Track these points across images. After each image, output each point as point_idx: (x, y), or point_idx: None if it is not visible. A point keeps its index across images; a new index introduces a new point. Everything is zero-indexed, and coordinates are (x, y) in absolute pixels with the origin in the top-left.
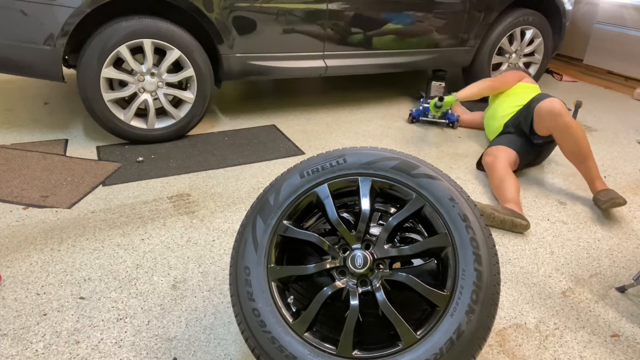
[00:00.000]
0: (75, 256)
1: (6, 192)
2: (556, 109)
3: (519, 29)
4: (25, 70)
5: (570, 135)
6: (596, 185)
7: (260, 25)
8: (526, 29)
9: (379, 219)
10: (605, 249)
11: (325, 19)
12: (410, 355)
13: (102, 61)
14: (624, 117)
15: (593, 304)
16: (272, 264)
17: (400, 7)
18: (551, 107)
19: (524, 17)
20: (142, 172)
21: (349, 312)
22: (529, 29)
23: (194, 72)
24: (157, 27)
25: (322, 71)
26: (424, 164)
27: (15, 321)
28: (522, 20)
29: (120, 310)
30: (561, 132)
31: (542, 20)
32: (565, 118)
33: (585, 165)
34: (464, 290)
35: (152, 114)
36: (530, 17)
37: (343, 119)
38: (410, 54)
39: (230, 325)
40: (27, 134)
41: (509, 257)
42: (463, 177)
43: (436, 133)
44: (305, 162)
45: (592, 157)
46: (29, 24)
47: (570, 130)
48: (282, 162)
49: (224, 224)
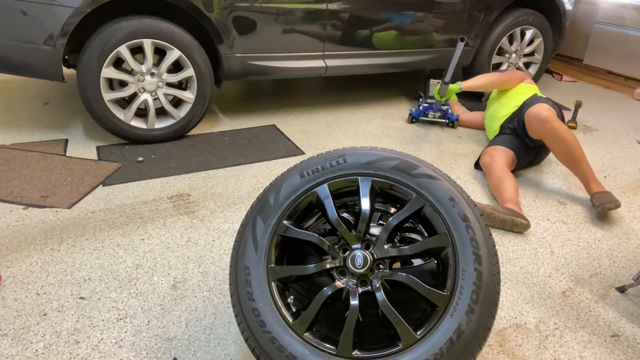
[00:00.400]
0: (75, 256)
1: (6, 192)
2: (542, 115)
3: (519, 29)
4: (25, 70)
5: (559, 140)
6: (591, 187)
7: (260, 25)
8: (526, 29)
9: (379, 219)
10: (605, 249)
11: (325, 19)
12: (410, 355)
13: (102, 61)
14: (624, 117)
15: (593, 304)
16: (272, 264)
17: (400, 7)
18: (537, 113)
19: (524, 17)
20: (142, 172)
21: (349, 312)
22: (529, 29)
23: (194, 72)
24: (157, 27)
25: (322, 71)
26: (424, 164)
27: (15, 321)
28: (522, 20)
29: (120, 310)
30: (550, 137)
31: (542, 20)
32: (552, 124)
33: (579, 168)
34: (464, 290)
35: (152, 114)
36: (530, 17)
37: (343, 119)
38: (410, 54)
39: (230, 325)
40: (27, 134)
41: (509, 257)
42: (463, 177)
43: (436, 133)
44: (305, 162)
45: (585, 160)
46: (29, 24)
47: (558, 135)
48: (282, 162)
49: (224, 224)
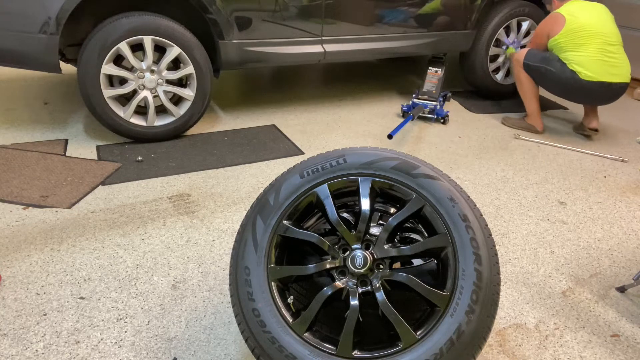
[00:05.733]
0: (75, 256)
1: (6, 192)
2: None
3: (515, 21)
4: (20, 60)
5: None
6: None
7: (256, 10)
8: (522, 21)
9: (379, 219)
10: (605, 249)
11: (323, 1)
12: (410, 356)
13: (103, 57)
14: (624, 117)
15: (593, 304)
16: (272, 264)
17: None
18: None
19: (520, 9)
20: (142, 171)
21: (349, 312)
22: (525, 20)
23: (194, 69)
24: (156, 24)
25: (320, 57)
26: (424, 164)
27: (15, 321)
28: (519, 12)
29: (120, 310)
30: None
31: (538, 12)
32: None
33: None
34: (464, 291)
35: (151, 111)
36: (526, 8)
37: (343, 118)
38: (410, 37)
39: (230, 325)
40: (27, 134)
41: (509, 257)
42: (463, 177)
43: (436, 133)
44: (305, 162)
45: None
46: (24, 12)
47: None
48: (282, 162)
49: (224, 224)
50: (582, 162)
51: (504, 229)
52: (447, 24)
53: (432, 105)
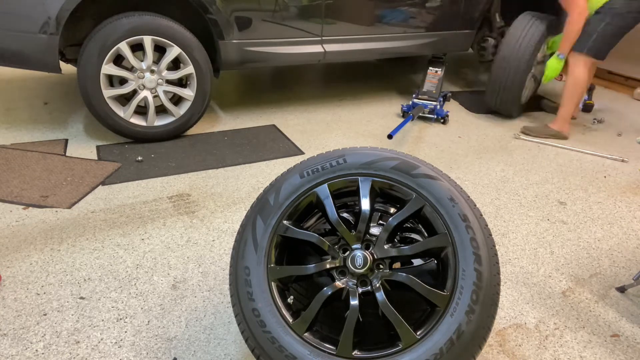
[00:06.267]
0: (75, 256)
1: (6, 192)
2: None
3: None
4: (20, 60)
5: None
6: None
7: (256, 10)
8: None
9: (379, 219)
10: (605, 249)
11: (323, 1)
12: (410, 356)
13: (103, 57)
14: (624, 117)
15: (593, 304)
16: (272, 264)
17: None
18: None
19: None
20: (142, 171)
21: (349, 312)
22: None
23: (194, 69)
24: (156, 24)
25: (320, 57)
26: (424, 164)
27: (15, 321)
28: None
29: (120, 310)
30: None
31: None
32: None
33: None
34: (464, 291)
35: (151, 111)
36: None
37: (343, 118)
38: (410, 37)
39: (230, 325)
40: (27, 134)
41: (509, 257)
42: (463, 177)
43: (436, 133)
44: (305, 162)
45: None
46: (24, 12)
47: None
48: (282, 162)
49: (224, 224)
50: (582, 162)
51: (504, 229)
52: (447, 25)
53: (432, 105)
